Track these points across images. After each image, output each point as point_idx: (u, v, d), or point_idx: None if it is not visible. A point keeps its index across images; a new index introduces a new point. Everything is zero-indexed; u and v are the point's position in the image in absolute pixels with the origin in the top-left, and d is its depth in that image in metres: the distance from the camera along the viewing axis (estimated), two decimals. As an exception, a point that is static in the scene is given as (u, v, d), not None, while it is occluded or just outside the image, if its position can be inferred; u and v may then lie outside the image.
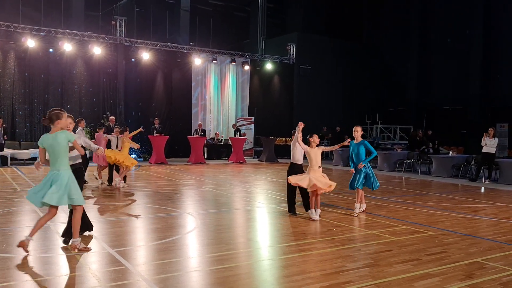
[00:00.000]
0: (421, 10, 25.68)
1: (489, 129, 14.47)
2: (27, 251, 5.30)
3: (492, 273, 5.06)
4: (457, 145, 22.26)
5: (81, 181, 6.12)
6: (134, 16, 26.04)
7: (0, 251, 5.46)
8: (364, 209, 8.54)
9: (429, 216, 8.36)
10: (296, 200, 8.31)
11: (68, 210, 5.85)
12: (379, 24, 28.01)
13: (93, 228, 6.33)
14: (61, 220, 7.46)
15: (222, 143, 21.92)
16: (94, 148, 6.72)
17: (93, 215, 7.88)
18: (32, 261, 5.15)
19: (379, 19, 28.06)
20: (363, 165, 8.07)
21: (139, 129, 12.75)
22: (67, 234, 5.77)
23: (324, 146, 9.81)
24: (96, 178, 11.82)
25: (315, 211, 7.77)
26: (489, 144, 14.32)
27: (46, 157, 5.59)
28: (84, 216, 5.94)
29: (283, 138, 22.76)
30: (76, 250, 5.47)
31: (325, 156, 23.72)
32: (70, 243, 5.64)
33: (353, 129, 8.13)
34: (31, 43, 17.31)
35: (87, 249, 5.56)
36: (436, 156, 16.67)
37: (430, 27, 25.36)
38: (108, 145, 12.06)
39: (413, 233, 6.89)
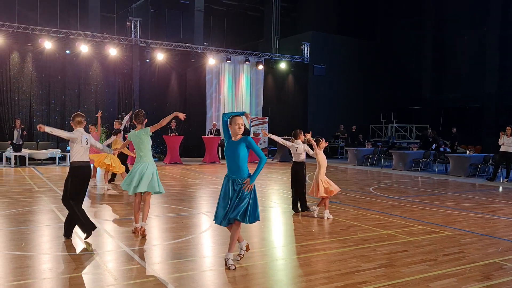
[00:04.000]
0: (436, 7, 25.37)
1: (507, 127, 14.22)
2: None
3: (511, 274, 4.97)
4: (474, 144, 21.93)
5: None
6: (149, 17, 26.24)
7: (19, 249, 5.56)
8: (243, 254, 5.30)
9: (445, 216, 8.26)
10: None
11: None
12: (393, 22, 27.72)
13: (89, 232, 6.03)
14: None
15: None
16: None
17: (108, 215, 7.98)
18: (49, 260, 5.24)
19: (393, 17, 27.79)
20: (251, 186, 4.97)
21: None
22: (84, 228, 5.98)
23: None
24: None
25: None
26: (506, 143, 14.09)
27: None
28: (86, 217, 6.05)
29: (298, 138, 22.67)
30: None
31: (340, 156, 23.60)
32: None
33: (238, 121, 5.02)
34: (48, 44, 17.57)
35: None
36: (453, 155, 16.46)
37: (445, 24, 25.04)
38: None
39: (429, 233, 6.82)
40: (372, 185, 12.81)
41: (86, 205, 8.97)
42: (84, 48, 18.21)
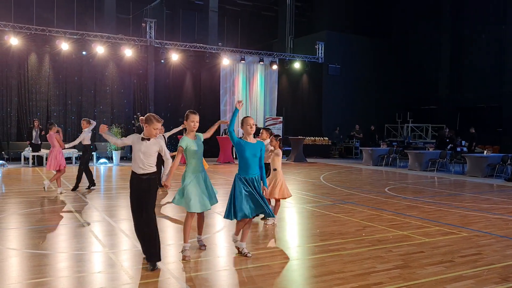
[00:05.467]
0: (453, 5, 25.04)
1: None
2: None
3: (529, 276, 4.88)
4: (492, 144, 21.60)
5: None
6: (163, 18, 26.42)
7: (37, 248, 5.65)
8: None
9: (462, 217, 8.15)
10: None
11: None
12: (409, 20, 27.45)
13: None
14: (94, 218, 7.65)
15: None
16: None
17: (124, 214, 8.05)
18: (66, 258, 5.31)
19: (409, 15, 27.52)
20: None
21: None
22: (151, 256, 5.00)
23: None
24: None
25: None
26: (526, 143, 13.86)
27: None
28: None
29: (312, 138, 22.64)
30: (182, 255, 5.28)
31: (355, 156, 23.46)
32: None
33: (250, 122, 5.37)
34: (65, 46, 17.80)
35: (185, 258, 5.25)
36: (470, 156, 16.24)
37: (462, 22, 24.69)
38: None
39: (446, 234, 6.73)
40: (387, 185, 12.70)
41: (101, 203, 9.09)
42: (100, 49, 18.42)
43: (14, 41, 17.02)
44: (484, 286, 4.54)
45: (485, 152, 16.19)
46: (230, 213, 5.29)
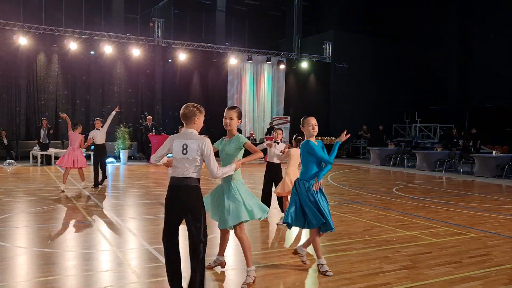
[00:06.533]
0: (462, 5, 24.85)
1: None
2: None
3: (539, 277, 4.83)
4: (501, 144, 21.40)
5: None
6: (171, 17, 26.47)
7: (44, 246, 5.68)
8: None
9: (471, 218, 8.08)
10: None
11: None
12: (418, 20, 27.28)
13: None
14: (102, 217, 7.68)
15: (258, 142, 21.96)
16: None
17: (131, 213, 8.08)
18: (74, 257, 5.33)
19: (417, 14, 27.34)
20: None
21: None
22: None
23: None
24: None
25: None
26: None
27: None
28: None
29: (320, 137, 22.58)
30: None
31: (362, 156, 23.37)
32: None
33: (311, 122, 5.04)
34: (73, 45, 17.91)
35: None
36: (479, 156, 16.11)
37: (471, 22, 24.50)
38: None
39: (454, 235, 6.68)
40: (395, 185, 12.64)
41: (109, 202, 9.12)
42: (108, 49, 18.51)
43: (23, 40, 17.15)
44: (493, 287, 4.50)
45: (494, 152, 16.06)
46: (328, 224, 4.89)
